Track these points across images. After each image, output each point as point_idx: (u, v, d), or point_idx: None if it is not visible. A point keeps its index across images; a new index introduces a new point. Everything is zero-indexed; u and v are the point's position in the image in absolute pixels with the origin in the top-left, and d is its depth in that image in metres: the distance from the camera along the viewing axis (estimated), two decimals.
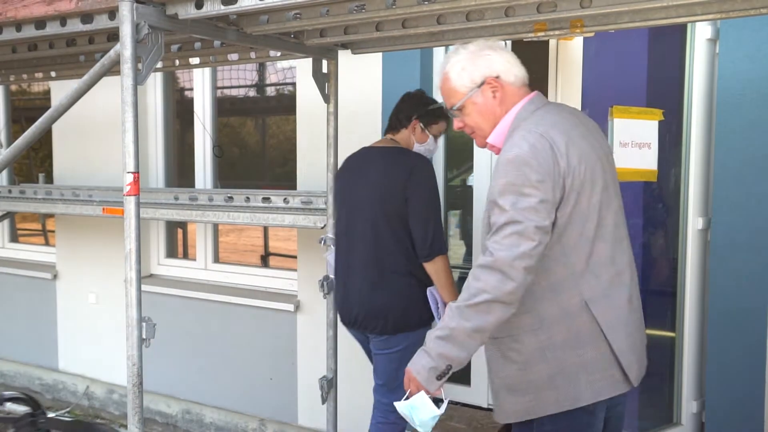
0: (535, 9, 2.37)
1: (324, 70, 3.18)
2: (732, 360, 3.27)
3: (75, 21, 2.53)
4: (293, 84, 4.50)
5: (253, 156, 5.24)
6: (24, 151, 2.70)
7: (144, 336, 2.35)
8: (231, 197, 3.88)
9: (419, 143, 3.07)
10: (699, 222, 3.46)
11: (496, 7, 2.40)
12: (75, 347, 5.30)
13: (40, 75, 4.07)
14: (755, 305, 3.20)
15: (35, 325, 5.49)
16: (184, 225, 5.18)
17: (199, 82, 4.83)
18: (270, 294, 4.51)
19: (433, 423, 1.97)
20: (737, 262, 3.23)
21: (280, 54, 3.20)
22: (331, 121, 3.23)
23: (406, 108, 3.12)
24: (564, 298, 1.95)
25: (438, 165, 4.10)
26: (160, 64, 3.54)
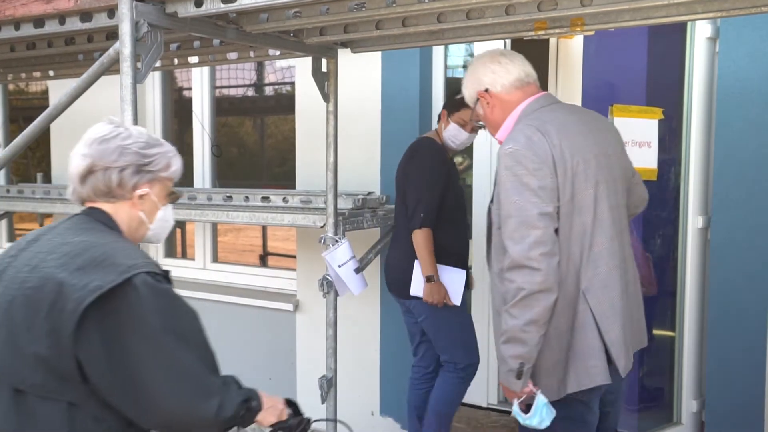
0: (536, 7, 2.36)
1: (323, 68, 3.17)
2: (732, 359, 3.26)
3: (74, 19, 2.51)
4: (292, 83, 4.50)
5: (252, 156, 5.23)
6: (22, 151, 2.69)
7: None
8: (230, 196, 3.87)
9: (444, 132, 3.29)
10: (699, 221, 3.45)
11: (496, 6, 2.39)
12: None
13: (38, 74, 4.05)
14: (755, 304, 3.20)
15: None
16: (182, 225, 5.17)
17: (198, 81, 4.82)
18: (269, 294, 4.50)
19: (545, 414, 2.02)
20: (737, 260, 3.23)
21: (279, 53, 3.19)
22: (331, 120, 3.22)
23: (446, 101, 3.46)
24: (566, 288, 2.03)
25: None
26: (158, 63, 3.53)
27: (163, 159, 1.66)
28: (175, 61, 3.56)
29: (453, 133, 3.26)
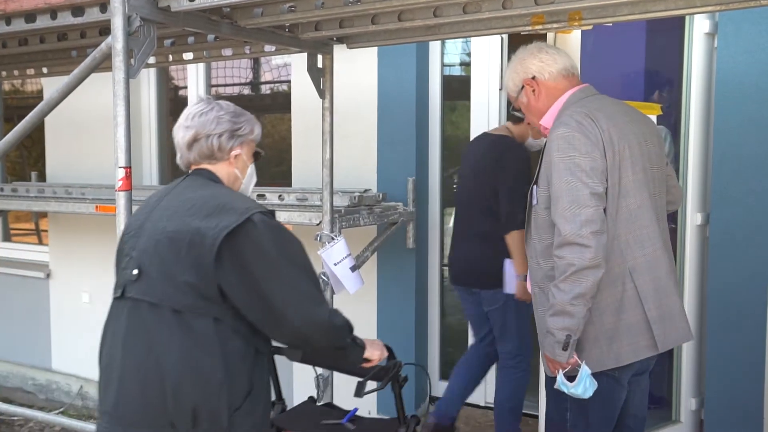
0: (533, 1, 2.35)
1: (319, 65, 3.14)
2: (731, 357, 3.24)
3: (66, 14, 2.49)
4: (288, 82, 4.47)
5: None
6: (15, 146, 2.66)
7: None
8: None
9: (533, 139, 3.33)
10: (698, 218, 3.43)
11: None
12: (68, 347, 5.26)
13: (31, 71, 4.02)
14: (754, 301, 3.18)
15: (28, 325, 5.44)
16: None
17: (193, 79, 4.79)
18: None
19: (589, 385, 2.13)
20: (736, 257, 3.21)
21: (274, 49, 3.16)
22: (327, 117, 3.19)
23: None
24: (610, 266, 2.12)
25: (434, 162, 4.08)
26: (153, 59, 3.52)
27: (249, 125, 2.05)
28: (170, 58, 3.53)
29: (540, 143, 3.26)
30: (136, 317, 1.88)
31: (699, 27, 3.32)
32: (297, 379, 4.29)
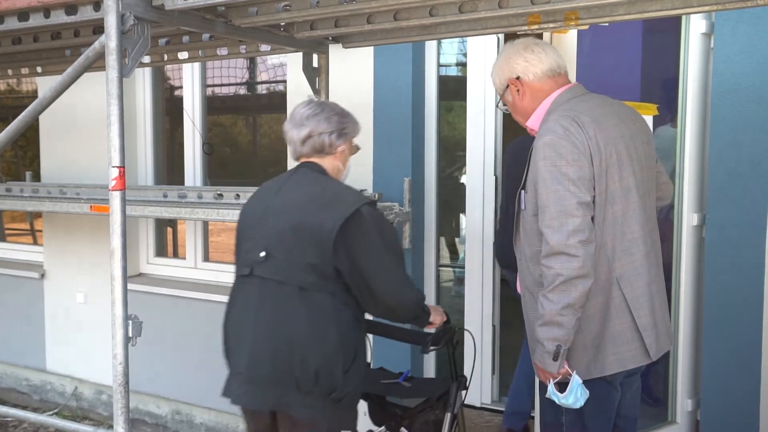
0: (529, 0, 2.34)
1: (314, 64, 3.13)
2: (727, 358, 3.24)
3: (59, 12, 2.47)
4: (284, 82, 4.46)
5: (245, 156, 5.18)
6: (9, 145, 2.64)
7: (130, 334, 2.30)
8: (221, 194, 3.82)
9: None
10: (694, 218, 3.42)
11: None
12: (63, 347, 5.23)
13: (26, 71, 4.00)
14: (750, 302, 3.17)
15: (22, 325, 5.42)
16: (173, 224, 5.12)
17: (189, 79, 4.77)
18: None
19: (580, 395, 2.13)
20: (732, 258, 3.20)
21: (270, 48, 3.15)
22: None
23: None
24: (599, 274, 2.11)
25: (430, 162, 4.06)
26: (147, 58, 3.50)
27: (352, 125, 2.41)
28: (165, 57, 3.51)
29: None
30: (265, 293, 2.26)
31: (695, 27, 3.32)
32: None
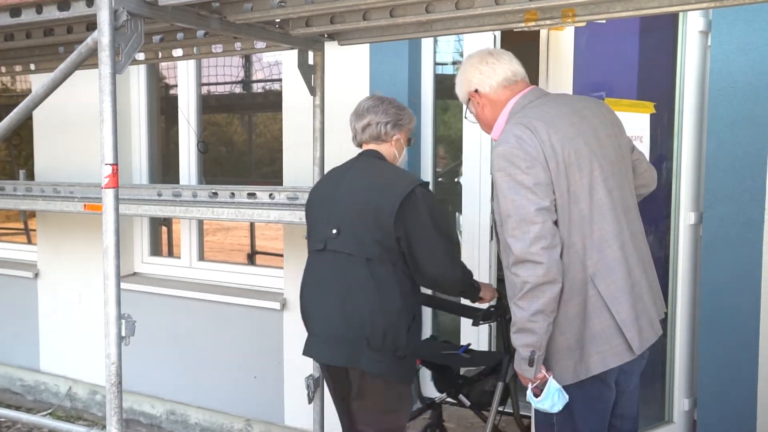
0: None
1: (310, 61, 3.11)
2: (724, 357, 3.23)
3: (51, 8, 2.45)
4: (279, 80, 4.44)
5: (240, 154, 5.16)
6: (1, 143, 2.62)
7: (123, 333, 2.28)
8: (215, 193, 3.81)
9: None
10: (691, 217, 3.41)
11: None
12: (57, 347, 5.20)
13: (19, 68, 3.97)
14: (747, 301, 3.16)
15: (16, 325, 5.38)
16: (168, 223, 5.10)
17: (184, 77, 4.75)
18: (256, 292, 4.43)
19: (557, 399, 2.15)
20: (729, 257, 3.19)
21: (265, 45, 3.13)
22: (318, 115, 3.16)
23: None
24: (572, 275, 2.11)
25: (426, 161, 4.05)
26: (142, 55, 3.48)
27: (407, 118, 2.73)
28: (159, 54, 3.49)
29: None
30: (337, 265, 2.61)
31: (693, 25, 3.31)
32: (286, 379, 4.26)
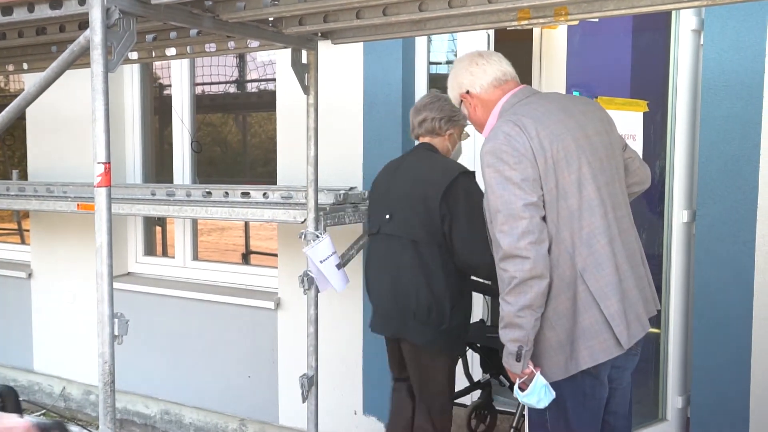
0: None
1: (304, 60, 3.10)
2: (717, 355, 3.24)
3: (43, 6, 2.43)
4: (273, 80, 4.43)
5: (234, 154, 5.16)
6: None
7: (116, 332, 2.27)
8: (209, 192, 3.80)
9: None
10: (684, 215, 3.43)
11: None
12: (51, 347, 5.19)
13: (11, 68, 3.95)
14: (740, 299, 3.17)
15: (9, 325, 5.37)
16: (162, 222, 5.09)
17: (177, 77, 4.74)
18: (250, 291, 4.43)
19: (544, 395, 2.14)
20: (722, 255, 3.20)
21: (258, 44, 3.12)
22: (311, 114, 3.16)
23: None
24: (561, 270, 2.13)
25: None
26: (135, 55, 3.47)
27: (461, 114, 2.69)
28: (153, 54, 3.47)
29: None
30: (389, 247, 2.92)
31: (685, 24, 3.32)
32: (281, 378, 4.25)
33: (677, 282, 3.46)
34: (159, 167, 5.04)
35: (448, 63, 4.30)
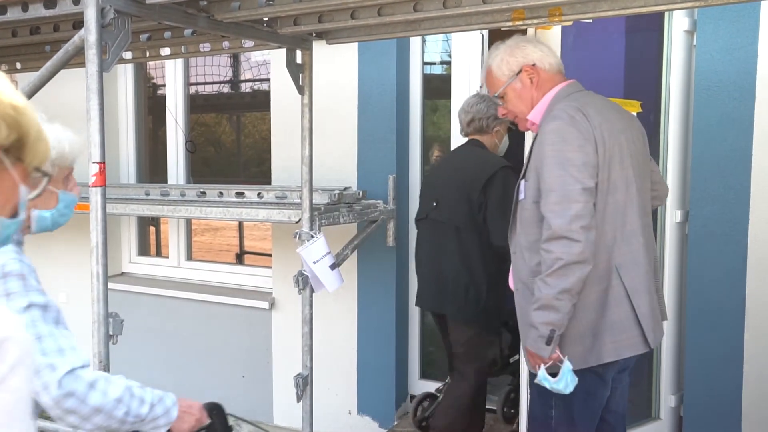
0: None
1: (298, 60, 3.11)
2: (710, 354, 3.25)
3: (38, 6, 2.43)
4: (267, 80, 4.43)
5: (228, 154, 5.15)
6: None
7: (111, 332, 2.27)
8: (204, 192, 3.80)
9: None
10: (677, 215, 3.44)
11: None
12: None
13: (5, 67, 3.94)
14: (733, 298, 3.19)
15: None
16: (156, 223, 5.08)
17: (171, 77, 4.73)
18: (244, 291, 4.43)
19: (570, 380, 2.13)
20: (715, 255, 3.22)
21: (253, 44, 3.12)
22: (306, 113, 3.16)
23: None
24: (598, 262, 2.11)
25: (414, 160, 4.06)
26: (129, 54, 3.46)
27: None
28: (147, 53, 3.47)
29: None
30: (434, 231, 3.24)
31: (678, 24, 3.33)
32: (275, 378, 4.25)
33: (670, 281, 3.47)
34: (153, 167, 5.03)
35: (442, 63, 4.31)
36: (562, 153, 2.09)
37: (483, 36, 3.87)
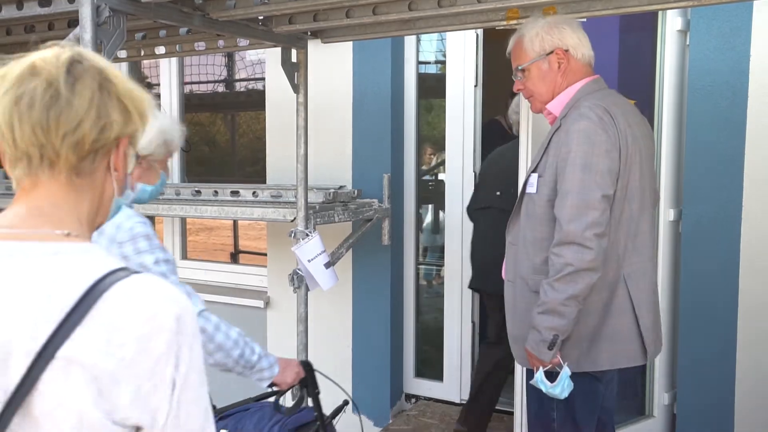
0: None
1: (293, 59, 3.11)
2: (703, 351, 3.27)
3: (32, 4, 2.42)
4: (262, 79, 4.43)
5: (223, 153, 5.15)
6: None
7: None
8: (199, 191, 3.80)
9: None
10: (670, 213, 3.46)
11: None
12: None
13: None
14: (726, 297, 3.21)
15: None
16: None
17: (166, 76, 4.73)
18: (239, 290, 4.43)
19: (566, 386, 2.11)
20: (708, 253, 3.23)
21: (248, 43, 3.13)
22: (301, 112, 3.16)
23: None
24: (606, 270, 2.07)
25: (409, 159, 4.06)
26: (124, 53, 3.46)
27: None
28: (142, 52, 3.47)
29: None
30: (498, 219, 3.08)
31: (671, 24, 3.35)
32: None
33: (663, 280, 3.49)
34: None
35: (437, 62, 4.32)
36: (588, 156, 2.01)
37: (478, 35, 3.88)
